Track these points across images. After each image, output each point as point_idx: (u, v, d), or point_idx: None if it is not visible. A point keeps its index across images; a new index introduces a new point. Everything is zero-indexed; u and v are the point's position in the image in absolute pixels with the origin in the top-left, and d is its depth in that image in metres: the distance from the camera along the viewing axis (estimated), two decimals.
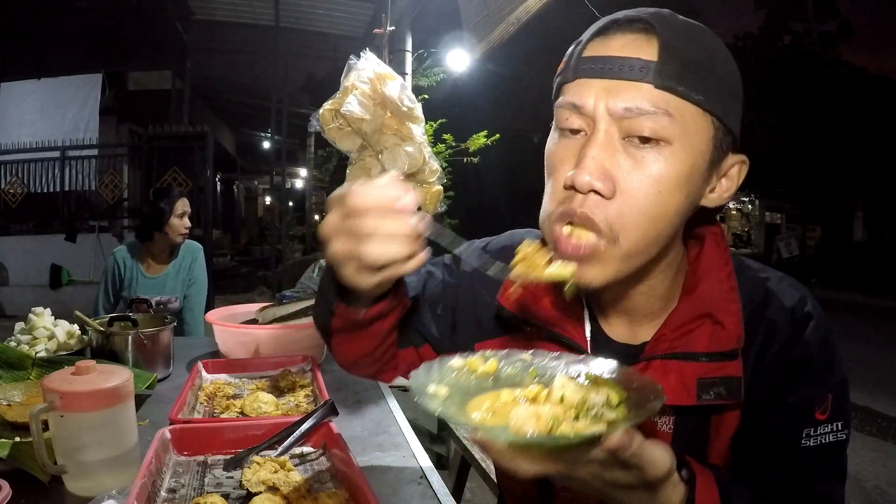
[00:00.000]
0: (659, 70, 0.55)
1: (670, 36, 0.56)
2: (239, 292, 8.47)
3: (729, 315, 0.62)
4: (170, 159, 6.45)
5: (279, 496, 0.74)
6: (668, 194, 0.57)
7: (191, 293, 2.56)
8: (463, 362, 0.58)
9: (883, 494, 2.99)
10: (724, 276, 0.65)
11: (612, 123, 0.57)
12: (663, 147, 0.56)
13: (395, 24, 4.55)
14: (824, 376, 0.64)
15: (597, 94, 0.57)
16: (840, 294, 11.46)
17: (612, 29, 0.59)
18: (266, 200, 21.24)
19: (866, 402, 4.49)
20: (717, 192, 0.63)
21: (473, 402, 0.53)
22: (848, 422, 0.66)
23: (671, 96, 0.55)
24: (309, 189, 14.83)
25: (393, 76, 2.40)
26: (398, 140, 2.47)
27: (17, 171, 6.88)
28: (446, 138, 5.76)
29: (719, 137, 0.59)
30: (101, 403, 0.80)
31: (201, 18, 7.16)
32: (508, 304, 0.73)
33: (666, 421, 0.66)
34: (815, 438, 0.63)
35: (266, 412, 1.08)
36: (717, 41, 0.60)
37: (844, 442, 0.65)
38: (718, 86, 0.58)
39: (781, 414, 0.64)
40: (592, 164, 0.56)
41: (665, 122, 0.55)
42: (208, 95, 10.78)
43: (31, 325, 1.52)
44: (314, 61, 8.77)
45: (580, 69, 0.59)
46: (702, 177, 0.60)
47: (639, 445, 0.46)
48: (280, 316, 1.57)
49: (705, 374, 0.61)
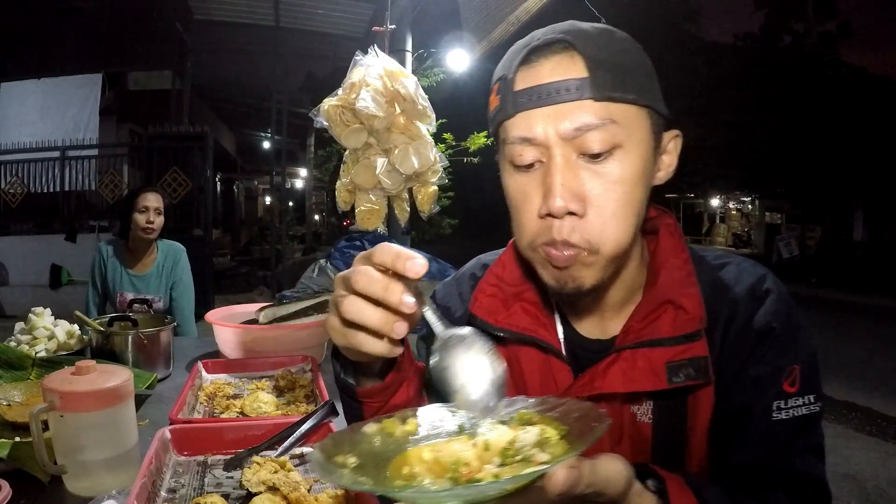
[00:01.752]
0: (593, 84, 0.58)
1: (591, 48, 0.59)
2: (239, 292, 8.47)
3: (688, 299, 0.65)
4: (170, 159, 6.45)
5: (279, 496, 0.74)
6: (631, 192, 0.61)
7: (177, 294, 2.55)
8: (377, 426, 0.54)
9: (883, 494, 2.99)
10: (681, 263, 0.68)
11: (565, 146, 0.59)
12: (616, 153, 0.60)
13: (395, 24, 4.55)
14: (789, 348, 0.65)
15: (544, 123, 0.59)
16: (840, 294, 11.47)
17: (534, 56, 0.61)
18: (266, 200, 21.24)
19: (866, 402, 4.48)
20: (663, 170, 0.68)
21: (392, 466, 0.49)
22: (820, 395, 0.66)
23: (611, 104, 0.59)
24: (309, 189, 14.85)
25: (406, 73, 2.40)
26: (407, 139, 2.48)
27: (17, 171, 6.88)
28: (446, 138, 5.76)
29: (654, 123, 0.63)
30: (101, 403, 0.80)
31: (201, 18, 7.15)
32: (480, 312, 0.75)
33: (645, 411, 0.68)
34: (786, 411, 0.64)
35: (266, 412, 1.08)
36: (626, 36, 0.64)
37: (818, 415, 0.66)
38: (642, 78, 0.61)
39: (749, 387, 0.65)
40: (562, 190, 0.59)
41: (613, 129, 0.59)
42: (208, 95, 10.78)
43: (31, 325, 1.52)
44: (314, 61, 8.78)
45: (518, 103, 0.61)
46: (651, 164, 0.64)
47: (590, 472, 0.43)
48: (280, 316, 1.57)
49: (672, 358, 0.64)
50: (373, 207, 2.56)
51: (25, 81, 7.19)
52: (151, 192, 2.45)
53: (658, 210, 0.75)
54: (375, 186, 2.51)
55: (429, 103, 2.43)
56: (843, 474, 3.18)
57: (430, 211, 2.72)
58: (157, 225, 2.42)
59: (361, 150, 2.50)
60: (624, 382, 0.65)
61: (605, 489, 0.45)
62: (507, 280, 0.76)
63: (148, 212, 2.39)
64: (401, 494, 0.43)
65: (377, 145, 2.47)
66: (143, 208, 2.39)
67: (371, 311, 0.51)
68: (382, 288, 0.50)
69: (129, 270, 2.49)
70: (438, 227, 9.23)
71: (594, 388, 0.67)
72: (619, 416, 0.70)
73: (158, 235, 2.49)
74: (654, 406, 0.68)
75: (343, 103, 2.38)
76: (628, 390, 0.66)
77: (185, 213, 6.40)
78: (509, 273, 0.77)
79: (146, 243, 2.48)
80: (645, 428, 0.68)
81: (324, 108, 2.42)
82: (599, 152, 0.59)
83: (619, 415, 0.70)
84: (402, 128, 2.45)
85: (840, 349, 6.36)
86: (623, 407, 0.69)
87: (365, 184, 2.50)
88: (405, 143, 2.46)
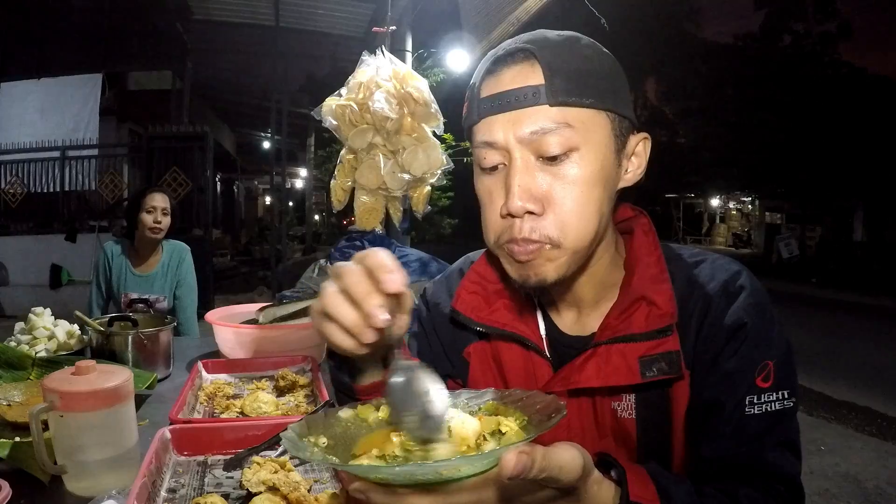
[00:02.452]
0: (548, 90, 0.61)
1: (549, 56, 0.62)
2: (239, 292, 8.46)
3: (660, 294, 0.67)
4: (170, 159, 6.45)
5: (279, 496, 0.74)
6: (588, 192, 0.64)
7: (180, 294, 2.56)
8: (352, 412, 0.57)
9: (883, 494, 2.99)
10: (654, 261, 0.70)
11: (523, 149, 0.63)
12: (573, 155, 0.63)
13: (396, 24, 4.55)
14: (761, 343, 0.66)
15: (504, 128, 0.63)
16: (840, 294, 11.46)
17: (499, 65, 0.65)
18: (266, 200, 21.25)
19: (866, 402, 4.48)
20: (631, 172, 0.70)
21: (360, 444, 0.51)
22: (794, 390, 0.67)
23: (566, 108, 0.62)
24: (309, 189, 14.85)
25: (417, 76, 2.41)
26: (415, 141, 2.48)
27: (17, 171, 6.88)
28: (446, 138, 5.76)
29: (617, 126, 0.65)
30: (101, 403, 0.80)
31: (201, 18, 7.15)
32: (462, 308, 0.78)
33: (626, 407, 0.70)
34: (759, 406, 0.65)
35: (266, 412, 1.08)
36: (590, 43, 0.66)
37: (793, 411, 0.66)
38: (603, 84, 0.64)
39: (722, 381, 0.66)
40: (520, 191, 0.62)
41: (568, 133, 0.62)
42: (208, 95, 10.77)
43: (31, 325, 1.52)
44: (314, 61, 8.76)
45: (482, 109, 0.65)
46: (612, 165, 0.66)
47: (542, 458, 0.44)
48: (280, 316, 1.57)
49: (645, 353, 0.66)
50: (372, 207, 2.57)
51: (25, 81, 7.19)
52: (159, 193, 2.47)
53: (635, 210, 0.78)
54: (379, 187, 2.51)
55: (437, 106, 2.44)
56: (843, 474, 3.18)
57: (424, 210, 2.73)
58: (164, 225, 2.44)
59: (365, 151, 2.51)
60: (599, 377, 0.67)
61: (559, 475, 0.45)
62: (489, 277, 0.79)
63: (155, 212, 2.40)
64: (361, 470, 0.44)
65: (382, 146, 2.47)
66: (150, 208, 2.40)
67: (347, 311, 0.54)
68: (363, 292, 0.53)
69: (133, 270, 2.50)
70: (438, 227, 9.23)
71: (571, 382, 0.69)
72: (602, 412, 0.71)
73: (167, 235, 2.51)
74: (637, 402, 0.70)
75: (351, 102, 2.39)
76: (603, 385, 0.68)
77: (185, 214, 6.40)
78: (491, 271, 0.80)
79: (152, 243, 2.48)
80: (629, 424, 0.70)
81: (330, 107, 2.42)
82: (556, 155, 0.62)
83: (600, 410, 0.72)
84: (410, 129, 2.46)
85: (840, 349, 6.36)
86: (604, 401, 0.71)
87: (369, 184, 2.51)
88: (414, 145, 2.46)
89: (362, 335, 0.54)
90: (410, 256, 4.84)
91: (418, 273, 4.70)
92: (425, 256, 4.87)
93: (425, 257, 4.86)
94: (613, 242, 0.74)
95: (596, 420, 0.72)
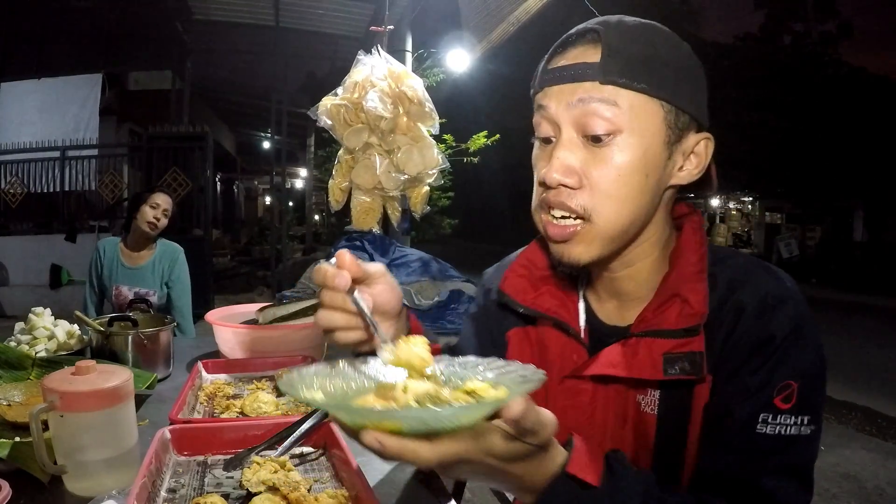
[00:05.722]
0: (602, 68, 0.63)
1: (613, 38, 0.64)
2: (239, 292, 8.46)
3: (695, 294, 0.66)
4: (170, 159, 6.44)
5: (279, 496, 0.74)
6: (627, 177, 0.64)
7: (174, 295, 2.59)
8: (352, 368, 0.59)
9: (883, 494, 2.99)
10: (696, 259, 0.69)
11: (570, 126, 0.65)
12: (616, 138, 0.64)
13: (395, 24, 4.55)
14: (789, 362, 0.63)
15: (557, 98, 0.66)
16: (840, 294, 11.46)
17: (569, 43, 0.67)
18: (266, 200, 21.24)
19: (866, 402, 4.48)
20: (687, 170, 0.69)
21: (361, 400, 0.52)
22: (816, 418, 0.64)
23: (615, 88, 0.63)
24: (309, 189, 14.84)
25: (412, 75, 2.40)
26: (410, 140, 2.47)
27: (17, 171, 6.87)
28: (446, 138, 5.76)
29: (672, 118, 0.65)
30: (101, 403, 0.80)
31: (201, 18, 7.15)
32: (509, 290, 0.80)
33: (650, 402, 0.70)
34: (773, 426, 0.62)
35: (266, 412, 1.08)
36: (666, 35, 0.67)
37: (809, 439, 0.63)
38: (664, 73, 0.64)
39: (739, 392, 0.64)
40: (557, 163, 0.65)
41: (613, 111, 0.63)
42: (208, 95, 10.78)
43: (31, 325, 1.52)
44: (314, 61, 8.77)
45: (543, 80, 0.69)
46: (660, 155, 0.66)
47: (534, 411, 0.48)
48: (280, 316, 1.57)
49: (671, 350, 0.65)
50: (369, 207, 2.57)
51: (25, 81, 7.19)
52: (164, 195, 2.55)
53: (689, 208, 0.77)
54: (375, 187, 2.51)
55: (433, 105, 2.43)
56: (843, 474, 3.18)
57: (423, 211, 2.73)
58: (161, 225, 2.51)
59: (361, 150, 2.50)
60: (624, 367, 0.68)
61: (541, 431, 0.50)
62: (537, 263, 0.81)
63: (157, 209, 2.48)
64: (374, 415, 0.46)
65: (378, 145, 2.46)
66: (154, 204, 2.48)
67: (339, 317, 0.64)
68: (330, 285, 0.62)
69: (124, 263, 2.54)
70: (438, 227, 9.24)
71: (596, 368, 0.70)
72: (626, 403, 0.72)
73: (159, 235, 2.57)
74: (661, 399, 0.69)
75: (346, 102, 2.38)
76: (626, 375, 0.68)
77: (185, 213, 6.40)
78: (541, 256, 0.81)
79: (146, 239, 2.53)
80: (650, 419, 0.70)
81: (325, 106, 2.42)
82: (600, 135, 0.63)
83: (625, 401, 0.72)
84: (405, 129, 2.45)
85: (840, 349, 6.36)
86: (629, 393, 0.71)
87: (364, 184, 2.51)
88: (409, 145, 2.46)
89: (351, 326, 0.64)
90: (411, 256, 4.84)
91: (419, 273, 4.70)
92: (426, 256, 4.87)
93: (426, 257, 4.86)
94: (664, 240, 0.73)
95: (619, 410, 0.73)
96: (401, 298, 0.72)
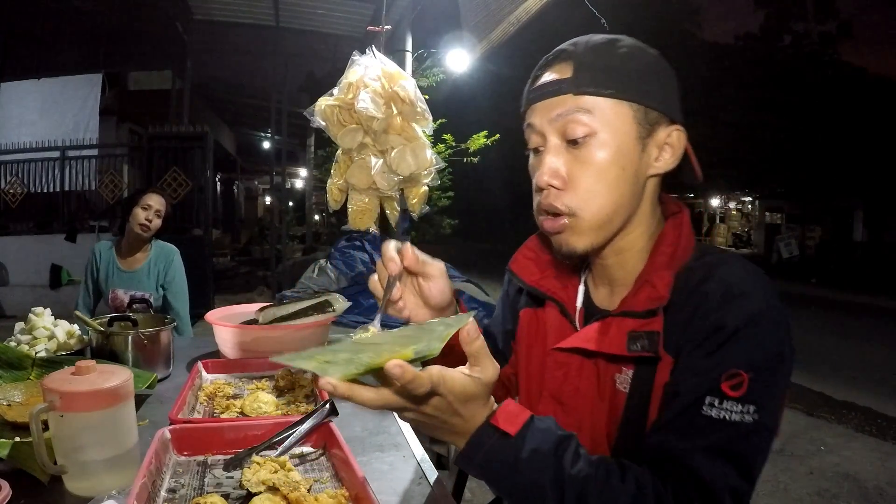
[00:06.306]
0: (573, 82, 0.73)
1: (582, 55, 0.74)
2: (239, 292, 8.46)
3: (661, 280, 0.73)
4: (170, 159, 6.44)
5: (279, 496, 0.74)
6: (605, 171, 0.73)
7: (170, 296, 2.57)
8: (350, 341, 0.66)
9: (883, 494, 2.99)
10: (668, 251, 0.77)
11: (554, 134, 0.75)
12: (592, 139, 0.73)
13: (395, 25, 4.55)
14: (743, 352, 0.66)
15: (539, 114, 0.76)
16: (840, 294, 11.46)
17: (546, 65, 0.78)
18: (266, 200, 21.24)
19: (866, 402, 4.48)
20: (663, 159, 0.77)
21: None
22: (765, 411, 0.65)
23: (588, 98, 0.73)
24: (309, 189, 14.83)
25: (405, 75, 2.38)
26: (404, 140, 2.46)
27: (17, 171, 6.86)
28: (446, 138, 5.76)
29: (641, 116, 0.74)
30: (101, 403, 0.80)
31: (201, 18, 7.14)
32: (516, 268, 0.93)
33: (624, 381, 0.76)
34: (717, 410, 0.65)
35: (266, 412, 1.08)
36: (630, 46, 0.75)
37: (753, 428, 0.64)
38: (629, 77, 0.73)
39: (688, 374, 0.68)
40: (547, 169, 0.75)
41: (588, 116, 0.72)
42: (208, 95, 10.77)
43: (31, 325, 1.52)
44: (314, 61, 8.76)
45: (529, 98, 0.79)
46: (633, 149, 0.74)
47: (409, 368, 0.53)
48: (280, 316, 1.57)
49: (635, 329, 0.73)
50: (365, 207, 2.56)
51: (25, 81, 7.18)
52: (157, 195, 2.51)
53: (678, 206, 0.83)
54: (370, 187, 2.50)
55: (426, 106, 2.42)
56: (843, 474, 3.18)
57: (421, 211, 2.72)
58: (154, 226, 2.48)
59: (356, 151, 2.49)
60: (596, 343, 0.76)
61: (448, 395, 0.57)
62: (545, 249, 0.91)
63: (149, 210, 2.45)
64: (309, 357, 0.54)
65: (373, 146, 2.46)
66: (146, 206, 2.45)
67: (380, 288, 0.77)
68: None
69: (120, 266, 2.52)
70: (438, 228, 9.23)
71: (573, 342, 0.80)
72: (604, 379, 0.79)
73: (154, 236, 2.55)
74: (633, 377, 0.75)
75: (340, 103, 2.37)
76: (597, 349, 0.76)
77: (185, 213, 6.40)
78: (548, 244, 0.86)
79: (140, 241, 2.51)
80: (621, 397, 0.76)
81: (320, 107, 2.41)
82: (577, 138, 0.73)
83: (603, 377, 0.79)
84: (399, 129, 2.44)
85: (840, 349, 6.36)
86: (608, 369, 0.78)
87: (359, 184, 2.49)
88: (402, 145, 2.45)
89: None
90: None
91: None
92: None
93: None
94: (650, 232, 0.81)
95: (599, 385, 0.79)
96: (452, 294, 0.82)
